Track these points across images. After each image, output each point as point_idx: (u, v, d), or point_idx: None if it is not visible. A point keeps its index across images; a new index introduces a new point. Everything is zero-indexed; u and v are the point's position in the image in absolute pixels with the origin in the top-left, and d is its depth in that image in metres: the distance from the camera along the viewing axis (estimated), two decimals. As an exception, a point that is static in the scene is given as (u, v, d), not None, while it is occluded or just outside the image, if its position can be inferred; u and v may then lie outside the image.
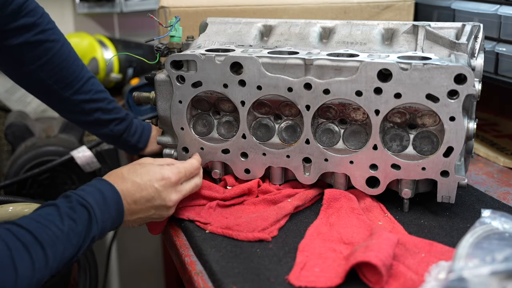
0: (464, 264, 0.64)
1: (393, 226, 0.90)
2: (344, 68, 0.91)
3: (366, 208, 0.94)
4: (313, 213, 0.94)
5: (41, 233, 0.71)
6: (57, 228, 0.73)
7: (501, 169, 1.18)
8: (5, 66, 1.07)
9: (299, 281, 0.74)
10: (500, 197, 1.02)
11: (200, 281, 0.80)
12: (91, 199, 0.79)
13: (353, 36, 1.02)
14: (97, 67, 1.74)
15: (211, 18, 1.12)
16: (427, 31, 0.98)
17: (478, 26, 0.99)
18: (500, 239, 0.69)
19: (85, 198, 0.79)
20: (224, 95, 0.98)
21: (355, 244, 0.82)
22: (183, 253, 0.88)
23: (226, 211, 0.95)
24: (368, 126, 0.94)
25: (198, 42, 1.08)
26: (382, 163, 0.93)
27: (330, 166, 0.97)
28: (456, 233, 0.87)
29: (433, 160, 0.91)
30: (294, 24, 1.07)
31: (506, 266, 0.61)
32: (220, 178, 1.04)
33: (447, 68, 0.85)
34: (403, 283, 0.72)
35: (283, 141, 1.00)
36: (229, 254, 0.83)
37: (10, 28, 0.99)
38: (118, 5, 1.95)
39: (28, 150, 1.41)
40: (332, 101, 0.94)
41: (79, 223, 0.76)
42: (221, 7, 1.32)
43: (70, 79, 1.08)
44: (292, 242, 0.85)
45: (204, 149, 1.02)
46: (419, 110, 0.92)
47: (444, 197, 0.92)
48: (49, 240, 0.71)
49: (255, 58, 0.94)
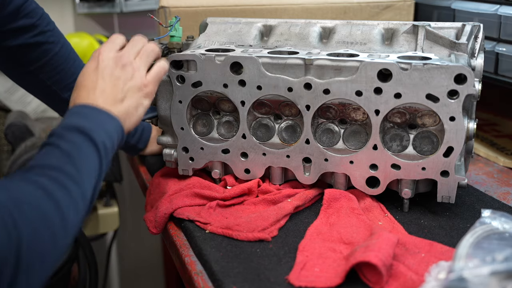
0: (464, 264, 0.64)
1: (393, 226, 0.90)
2: (344, 68, 0.91)
3: (366, 208, 0.94)
4: (313, 213, 0.94)
5: (64, 165, 0.68)
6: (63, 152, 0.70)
7: (501, 169, 1.17)
8: (4, 66, 1.07)
9: (299, 281, 0.74)
10: (500, 197, 1.02)
11: (200, 281, 0.80)
12: (67, 121, 0.74)
13: (353, 36, 1.02)
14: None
15: (211, 18, 1.12)
16: (427, 31, 0.98)
17: (478, 26, 0.99)
18: (500, 239, 0.69)
19: (63, 125, 0.74)
20: (224, 95, 0.98)
21: (355, 244, 0.82)
22: (183, 253, 0.88)
23: (226, 211, 0.95)
24: (368, 126, 0.94)
25: (198, 42, 1.08)
26: (382, 163, 0.93)
27: (330, 166, 0.97)
28: (456, 233, 0.87)
29: (433, 160, 0.91)
30: (294, 24, 1.07)
31: (506, 266, 0.61)
32: (220, 178, 1.04)
33: (447, 68, 0.85)
34: (403, 283, 0.72)
35: (283, 141, 1.00)
36: (229, 254, 0.83)
37: (8, 29, 0.99)
38: (118, 5, 1.95)
39: (28, 150, 1.41)
40: (332, 101, 0.94)
41: (76, 139, 0.72)
42: (221, 7, 1.32)
43: (69, 81, 1.07)
44: (292, 242, 0.85)
45: (204, 149, 1.02)
46: (419, 110, 0.92)
47: (444, 197, 0.92)
48: (71, 169, 0.68)
49: (255, 58, 0.94)
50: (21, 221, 0.60)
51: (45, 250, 0.61)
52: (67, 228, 0.65)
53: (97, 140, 0.73)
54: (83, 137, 0.72)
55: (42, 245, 0.61)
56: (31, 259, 0.59)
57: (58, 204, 0.64)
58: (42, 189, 0.64)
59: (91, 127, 0.73)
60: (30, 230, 0.60)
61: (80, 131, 0.72)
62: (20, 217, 0.60)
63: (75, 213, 0.67)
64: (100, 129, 0.74)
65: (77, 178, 0.68)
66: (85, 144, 0.72)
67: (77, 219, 0.67)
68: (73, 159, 0.69)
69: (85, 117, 0.75)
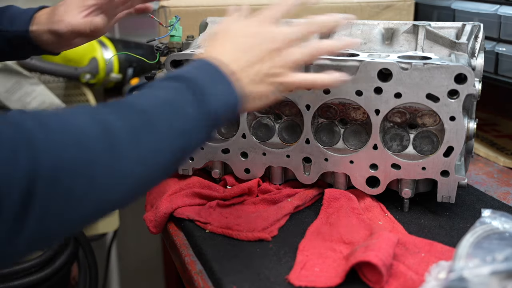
0: (464, 264, 0.64)
1: (393, 226, 0.89)
2: (344, 67, 0.91)
3: (366, 208, 0.94)
4: (313, 213, 0.94)
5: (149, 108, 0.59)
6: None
7: (501, 169, 1.17)
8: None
9: (299, 281, 0.74)
10: (500, 197, 1.02)
11: (200, 281, 0.80)
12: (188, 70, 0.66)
13: (353, 35, 1.02)
14: (97, 67, 1.73)
15: (211, 18, 1.12)
16: (427, 30, 0.98)
17: (478, 26, 0.99)
18: (500, 239, 0.69)
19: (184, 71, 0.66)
20: (224, 95, 0.98)
21: (355, 243, 0.82)
22: (183, 253, 0.88)
23: (226, 210, 0.95)
24: (368, 125, 0.94)
25: (198, 41, 1.07)
26: (382, 163, 0.93)
27: (330, 166, 0.97)
28: (456, 233, 0.87)
29: (433, 159, 0.91)
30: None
31: (507, 266, 0.61)
32: (220, 178, 1.04)
33: (448, 67, 0.85)
34: (403, 283, 0.72)
35: (283, 140, 1.00)
36: (229, 254, 0.83)
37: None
38: (118, 5, 1.94)
39: (28, 150, 1.41)
40: (332, 101, 0.94)
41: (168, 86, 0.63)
42: (221, 6, 1.32)
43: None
44: (292, 241, 0.85)
45: (204, 148, 1.02)
46: (419, 109, 0.91)
47: (444, 197, 0.92)
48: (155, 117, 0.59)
49: (255, 58, 0.94)
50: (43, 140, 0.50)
51: (74, 177, 0.50)
52: (116, 167, 0.53)
53: (209, 104, 0.63)
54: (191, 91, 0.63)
55: (72, 171, 0.50)
56: (52, 186, 0.48)
57: (111, 133, 0.53)
58: (96, 117, 0.54)
59: (206, 85, 0.64)
60: (54, 150, 0.49)
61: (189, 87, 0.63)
62: (45, 138, 0.50)
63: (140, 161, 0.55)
64: (218, 100, 0.65)
65: (157, 127, 0.58)
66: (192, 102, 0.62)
67: (134, 166, 0.55)
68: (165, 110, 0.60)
69: (208, 75, 0.65)
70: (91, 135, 0.53)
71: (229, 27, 0.73)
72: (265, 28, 0.73)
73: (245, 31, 0.73)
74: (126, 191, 0.56)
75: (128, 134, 0.55)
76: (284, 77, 0.72)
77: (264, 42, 0.71)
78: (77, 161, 0.51)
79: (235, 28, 0.73)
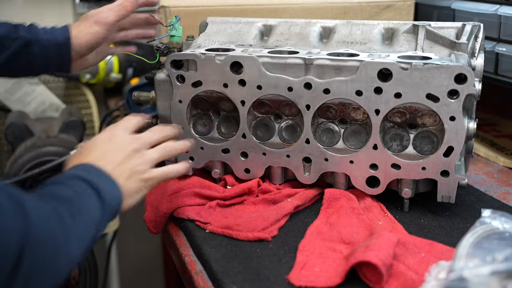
0: (464, 264, 0.64)
1: (393, 226, 0.89)
2: (344, 67, 0.91)
3: (366, 208, 0.94)
4: (313, 213, 0.94)
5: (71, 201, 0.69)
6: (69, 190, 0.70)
7: (501, 169, 1.17)
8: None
9: (299, 281, 0.74)
10: (500, 197, 1.02)
11: (200, 281, 0.80)
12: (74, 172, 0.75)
13: (353, 35, 1.02)
14: (97, 67, 1.73)
15: (211, 18, 1.12)
16: (427, 30, 0.98)
17: (478, 26, 0.99)
18: (500, 239, 0.69)
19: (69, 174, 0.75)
20: (224, 95, 0.98)
21: (355, 243, 0.82)
22: (183, 253, 0.88)
23: (226, 210, 0.95)
24: (368, 125, 0.94)
25: (198, 41, 1.07)
26: (382, 163, 0.93)
27: (330, 166, 0.97)
28: (456, 233, 0.87)
29: (433, 159, 0.91)
30: (294, 24, 1.07)
31: (507, 266, 0.61)
32: (220, 178, 1.04)
33: (448, 67, 0.85)
34: (403, 283, 0.72)
35: (283, 140, 1.00)
36: (229, 254, 0.83)
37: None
38: (118, 5, 1.94)
39: (28, 150, 1.41)
40: (332, 101, 0.94)
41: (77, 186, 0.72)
42: (221, 6, 1.32)
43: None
44: (292, 241, 0.85)
45: (204, 148, 1.02)
46: (419, 109, 0.91)
47: (444, 197, 0.92)
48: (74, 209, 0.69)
49: (255, 58, 0.94)
50: (30, 222, 0.60)
51: (46, 262, 0.61)
52: (68, 253, 0.65)
53: (105, 198, 0.73)
54: (91, 190, 0.72)
55: (44, 254, 0.61)
56: (32, 265, 0.59)
57: (65, 227, 0.65)
58: (54, 209, 0.65)
59: (99, 182, 0.73)
60: (38, 234, 0.60)
61: (89, 185, 0.72)
62: (30, 219, 0.60)
63: (76, 244, 0.67)
64: (109, 190, 0.75)
65: (78, 219, 0.68)
66: (93, 198, 0.72)
67: (75, 252, 0.67)
68: (74, 204, 0.69)
69: (96, 175, 0.75)
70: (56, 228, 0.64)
71: (94, 139, 0.83)
72: (125, 135, 0.84)
73: (108, 139, 0.82)
74: (67, 270, 0.67)
75: (72, 224, 0.67)
76: (147, 174, 0.82)
77: (126, 144, 0.82)
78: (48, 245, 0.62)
79: (99, 138, 0.83)
